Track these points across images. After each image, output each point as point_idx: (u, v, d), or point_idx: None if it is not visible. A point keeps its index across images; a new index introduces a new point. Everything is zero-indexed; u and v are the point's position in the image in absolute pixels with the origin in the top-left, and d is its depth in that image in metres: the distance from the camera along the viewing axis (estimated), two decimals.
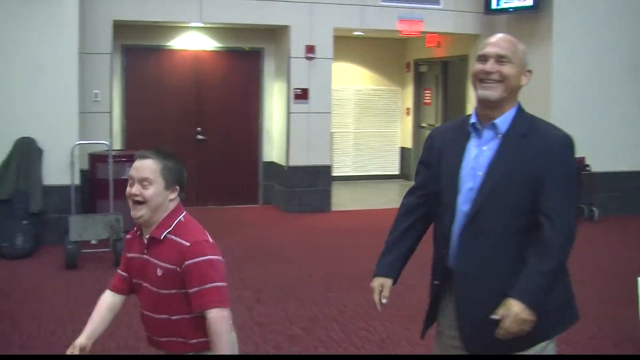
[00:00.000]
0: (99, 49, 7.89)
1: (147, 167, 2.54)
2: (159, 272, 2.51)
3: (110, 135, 8.10)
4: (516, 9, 9.12)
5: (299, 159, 9.05)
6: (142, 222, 2.55)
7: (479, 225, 2.34)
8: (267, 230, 8.19)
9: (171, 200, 2.57)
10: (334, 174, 10.02)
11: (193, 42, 9.39)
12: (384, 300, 2.53)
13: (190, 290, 2.46)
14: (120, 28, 8.37)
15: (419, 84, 11.88)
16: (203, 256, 2.48)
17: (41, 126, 6.99)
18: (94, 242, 6.42)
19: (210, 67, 9.54)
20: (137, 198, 2.51)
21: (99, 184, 7.25)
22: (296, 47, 8.93)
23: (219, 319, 2.46)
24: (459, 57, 10.47)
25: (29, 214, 6.72)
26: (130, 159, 7.47)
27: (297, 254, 7.02)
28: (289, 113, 9.02)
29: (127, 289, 2.65)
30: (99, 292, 2.69)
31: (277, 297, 5.54)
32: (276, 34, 9.40)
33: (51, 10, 7.02)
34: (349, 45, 10.92)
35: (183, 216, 2.59)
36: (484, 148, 2.39)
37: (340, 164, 11.56)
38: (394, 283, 2.58)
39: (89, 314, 2.62)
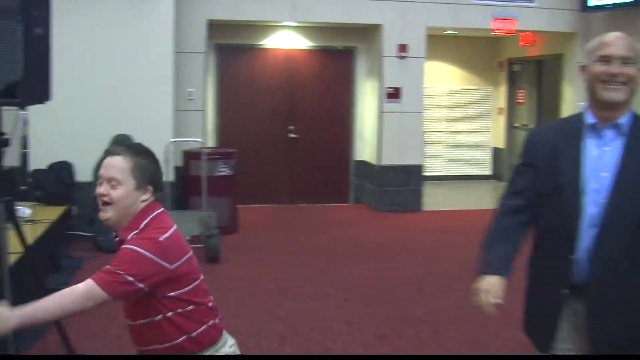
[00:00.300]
0: (193, 48, 8.05)
1: (116, 165, 2.33)
2: None
3: (204, 133, 8.26)
4: (615, 5, 8.72)
5: (390, 158, 8.98)
6: (111, 225, 2.38)
7: (613, 230, 2.24)
8: (358, 229, 8.15)
9: (143, 201, 2.37)
10: (426, 174, 9.89)
11: (286, 41, 9.46)
12: (496, 301, 2.29)
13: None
14: (215, 27, 8.53)
15: (513, 83, 11.57)
16: (132, 246, 2.26)
17: (137, 123, 7.20)
18: (187, 238, 6.54)
19: (302, 66, 9.59)
20: (105, 199, 2.33)
21: (192, 180, 7.39)
22: (388, 46, 8.85)
23: (82, 285, 2.22)
24: (554, 56, 10.12)
25: None
26: (223, 157, 7.71)
27: (388, 253, 6.96)
28: (381, 112, 8.96)
29: None
30: None
31: (367, 297, 5.50)
32: (369, 33, 9.35)
33: (147, 10, 7.23)
34: (441, 44, 10.74)
35: (154, 215, 2.38)
36: (606, 148, 2.29)
37: (432, 164, 11.39)
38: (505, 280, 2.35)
39: None
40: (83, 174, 7.14)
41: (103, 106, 7.18)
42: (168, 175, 7.05)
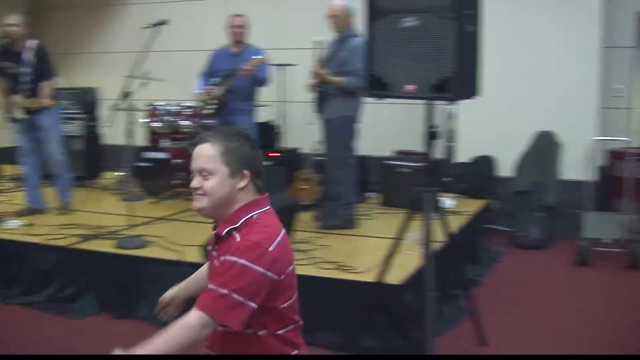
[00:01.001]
0: (622, 42, 7.60)
1: (204, 154, 2.13)
2: (211, 272, 2.21)
3: (630, 132, 7.75)
4: None
5: None
6: (206, 216, 2.20)
7: None
8: None
9: (241, 188, 2.15)
10: None
11: None
12: None
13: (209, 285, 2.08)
14: None
15: None
16: (237, 257, 2.04)
17: (560, 120, 7.06)
18: (607, 240, 6.23)
19: None
20: (199, 192, 2.15)
21: (616, 181, 6.99)
22: None
23: (189, 319, 2.02)
24: None
25: (544, 206, 6.85)
26: None
27: None
28: None
29: None
30: (607, 293, 2.57)
31: None
32: None
33: (578, 4, 7.04)
34: None
35: (257, 213, 2.16)
36: None
37: None
38: None
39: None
40: (504, 169, 7.28)
41: (527, 102, 7.20)
42: (590, 174, 6.80)
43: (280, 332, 2.18)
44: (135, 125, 5.82)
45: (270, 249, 2.08)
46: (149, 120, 7.30)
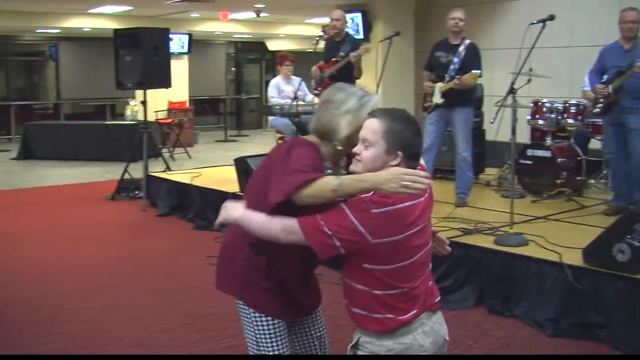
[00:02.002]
0: None
1: (370, 127, 2.34)
2: None
3: None
4: None
5: None
6: None
7: None
8: None
9: (392, 166, 2.29)
10: None
11: None
12: None
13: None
14: None
15: None
16: (346, 207, 2.28)
17: None
18: None
19: None
20: (357, 157, 2.35)
21: None
22: None
23: (289, 221, 2.34)
24: None
25: None
26: None
27: None
28: None
29: None
30: None
31: None
32: None
33: None
34: None
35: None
36: None
37: None
38: None
39: None
40: None
41: None
42: None
43: (378, 292, 2.34)
44: (519, 122, 5.79)
45: (375, 211, 2.25)
46: (533, 117, 7.21)
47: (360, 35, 10.80)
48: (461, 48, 6.58)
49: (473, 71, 6.37)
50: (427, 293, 2.45)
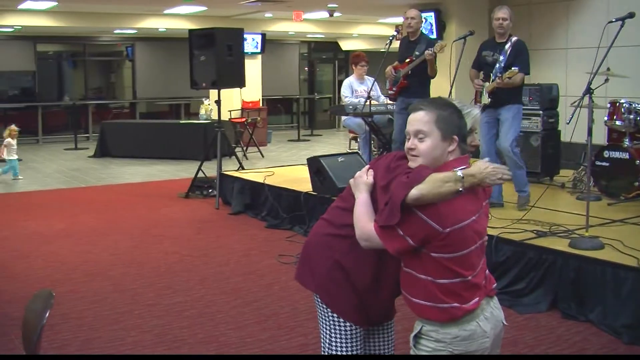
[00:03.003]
0: None
1: (419, 119, 2.40)
2: None
3: None
4: None
5: None
6: None
7: None
8: None
9: (450, 152, 2.40)
10: None
11: None
12: None
13: None
14: None
15: None
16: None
17: None
18: None
19: None
20: (413, 152, 2.40)
21: None
22: None
23: (370, 226, 2.41)
24: None
25: None
26: None
27: None
28: None
29: None
30: None
31: None
32: None
33: None
34: None
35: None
36: None
37: None
38: None
39: None
40: None
41: None
42: None
43: (440, 280, 2.36)
44: (595, 123, 5.65)
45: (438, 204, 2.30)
46: (610, 118, 7.02)
47: (434, 35, 10.72)
48: (507, 46, 6.46)
49: (513, 68, 6.25)
50: (486, 279, 2.50)
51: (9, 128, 11.66)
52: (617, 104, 6.98)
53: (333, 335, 2.65)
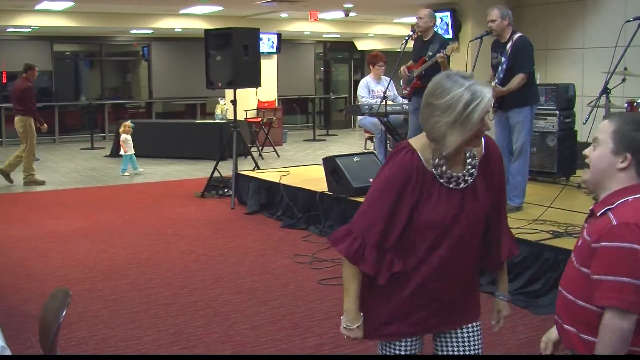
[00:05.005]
0: None
1: (601, 127, 2.25)
2: (579, 242, 2.26)
3: None
4: None
5: None
6: (588, 191, 2.32)
7: None
8: None
9: (620, 169, 2.19)
10: None
11: None
12: None
13: (592, 276, 2.11)
14: None
15: None
16: (621, 242, 2.04)
17: None
18: None
19: None
20: (586, 160, 2.29)
21: None
22: None
23: (609, 325, 2.07)
24: None
25: None
26: None
27: None
28: None
29: None
30: None
31: None
32: None
33: None
34: None
35: (635, 198, 2.14)
36: None
37: None
38: None
39: None
40: None
41: None
42: None
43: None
44: None
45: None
46: None
47: (450, 35, 10.69)
48: (508, 46, 6.29)
49: (518, 75, 6.20)
50: None
51: (123, 124, 12.01)
52: (635, 103, 6.92)
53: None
